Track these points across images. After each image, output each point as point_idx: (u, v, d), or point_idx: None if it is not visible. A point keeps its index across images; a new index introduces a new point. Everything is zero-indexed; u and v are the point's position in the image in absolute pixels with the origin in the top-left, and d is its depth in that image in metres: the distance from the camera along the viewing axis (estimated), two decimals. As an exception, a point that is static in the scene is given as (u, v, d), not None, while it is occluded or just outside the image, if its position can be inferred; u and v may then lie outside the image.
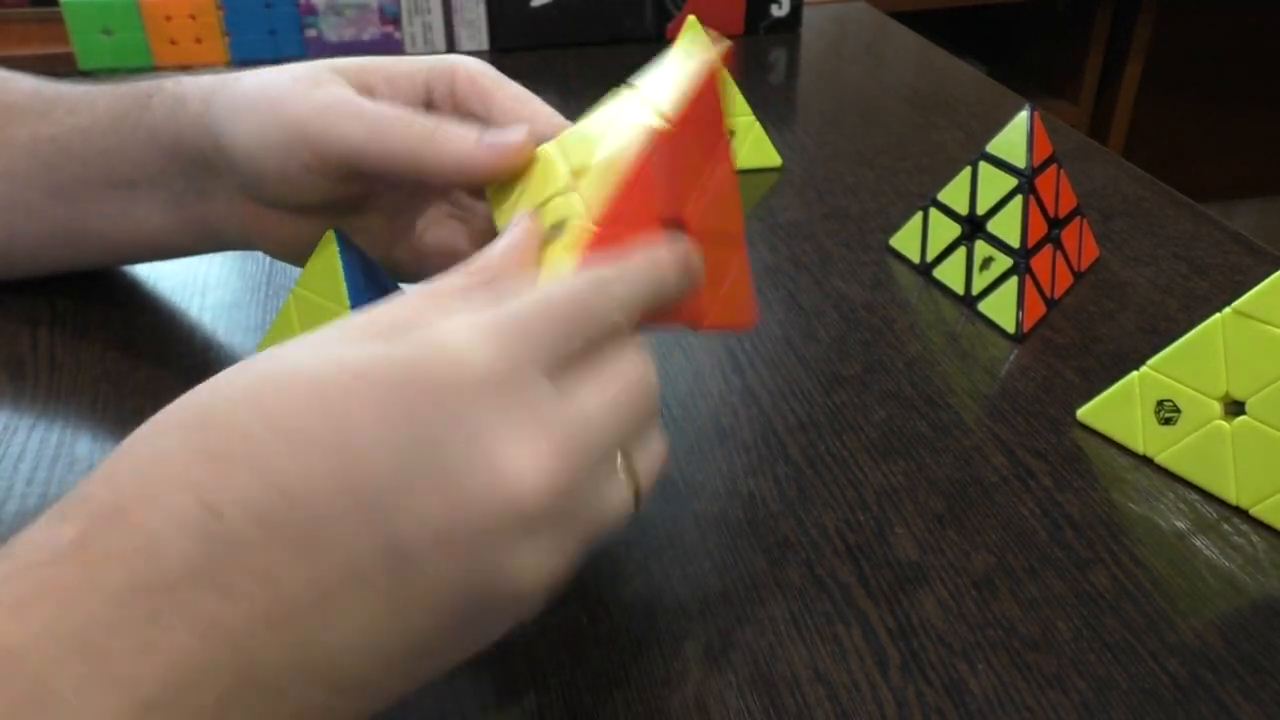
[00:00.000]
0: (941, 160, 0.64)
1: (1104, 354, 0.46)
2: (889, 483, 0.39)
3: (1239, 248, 0.54)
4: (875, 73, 0.79)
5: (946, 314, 0.49)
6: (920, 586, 0.34)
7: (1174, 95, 1.72)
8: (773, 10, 0.85)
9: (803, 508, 0.37)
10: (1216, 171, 1.83)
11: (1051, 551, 0.36)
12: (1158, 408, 0.39)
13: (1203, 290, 0.50)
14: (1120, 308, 0.49)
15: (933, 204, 0.51)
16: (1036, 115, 0.47)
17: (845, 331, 0.47)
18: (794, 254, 0.54)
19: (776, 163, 0.63)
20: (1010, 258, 0.47)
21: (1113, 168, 0.63)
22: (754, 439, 0.41)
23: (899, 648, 0.32)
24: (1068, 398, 0.43)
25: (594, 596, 0.34)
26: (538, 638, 0.32)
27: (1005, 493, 0.38)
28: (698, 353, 0.46)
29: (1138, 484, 0.39)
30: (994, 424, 0.42)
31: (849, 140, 0.67)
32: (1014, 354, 0.46)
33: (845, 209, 0.58)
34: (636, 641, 0.32)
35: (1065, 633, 0.33)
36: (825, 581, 0.35)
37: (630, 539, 0.36)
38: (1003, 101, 0.73)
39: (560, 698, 0.31)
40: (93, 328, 0.46)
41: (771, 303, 0.50)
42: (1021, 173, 0.47)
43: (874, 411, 0.42)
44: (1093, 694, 0.31)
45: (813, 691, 0.31)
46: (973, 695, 0.31)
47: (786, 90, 0.77)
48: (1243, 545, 0.36)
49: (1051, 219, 0.48)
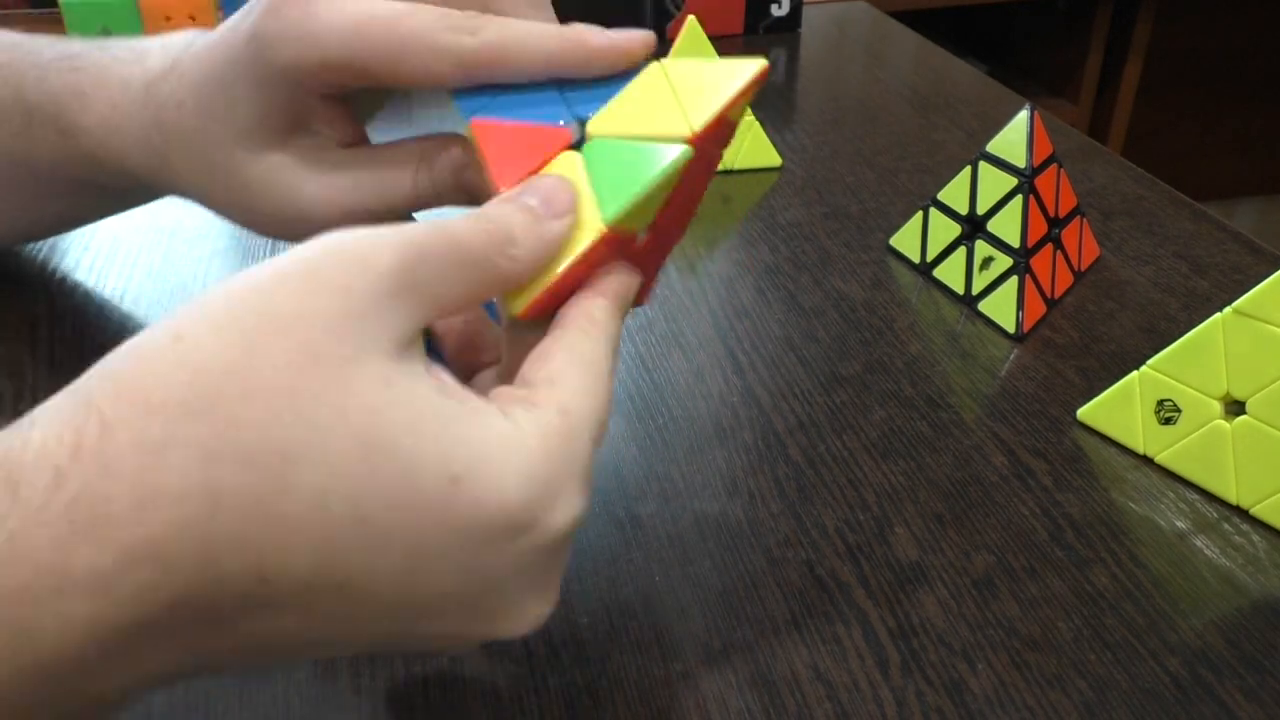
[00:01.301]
0: (941, 160, 0.64)
1: (1104, 354, 0.46)
2: (889, 483, 0.39)
3: (1239, 247, 0.54)
4: (875, 73, 0.79)
5: (946, 314, 0.49)
6: (920, 586, 0.34)
7: (1174, 95, 1.72)
8: (773, 10, 0.85)
9: (803, 508, 0.37)
10: (1216, 171, 1.83)
11: (1051, 551, 0.36)
12: (1158, 407, 0.39)
13: (1203, 290, 0.50)
14: (1120, 307, 0.49)
15: (933, 204, 0.51)
16: (1036, 115, 0.47)
17: (845, 331, 0.47)
18: (794, 254, 0.54)
19: (776, 163, 0.63)
20: (1010, 257, 0.47)
21: (1113, 167, 0.63)
22: (754, 439, 0.41)
23: (899, 648, 0.32)
24: (1068, 397, 0.43)
25: (594, 597, 0.34)
26: (538, 637, 0.32)
27: (1005, 493, 0.38)
28: (698, 353, 0.46)
29: (1138, 484, 0.39)
30: (994, 424, 0.42)
31: (849, 140, 0.67)
32: (1014, 354, 0.46)
33: (845, 209, 0.58)
34: (636, 641, 0.32)
35: (1065, 633, 0.33)
36: (825, 581, 0.35)
37: (630, 539, 0.36)
38: (1003, 101, 0.73)
39: (560, 698, 0.31)
40: (93, 328, 0.46)
41: (771, 303, 0.49)
42: (1021, 172, 0.47)
43: (874, 411, 0.42)
44: (1093, 694, 0.31)
45: (813, 691, 0.31)
46: (973, 695, 0.31)
47: (786, 90, 0.77)
48: (1243, 545, 0.36)
49: (1051, 219, 0.48)
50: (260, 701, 0.30)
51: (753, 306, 0.49)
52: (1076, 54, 1.58)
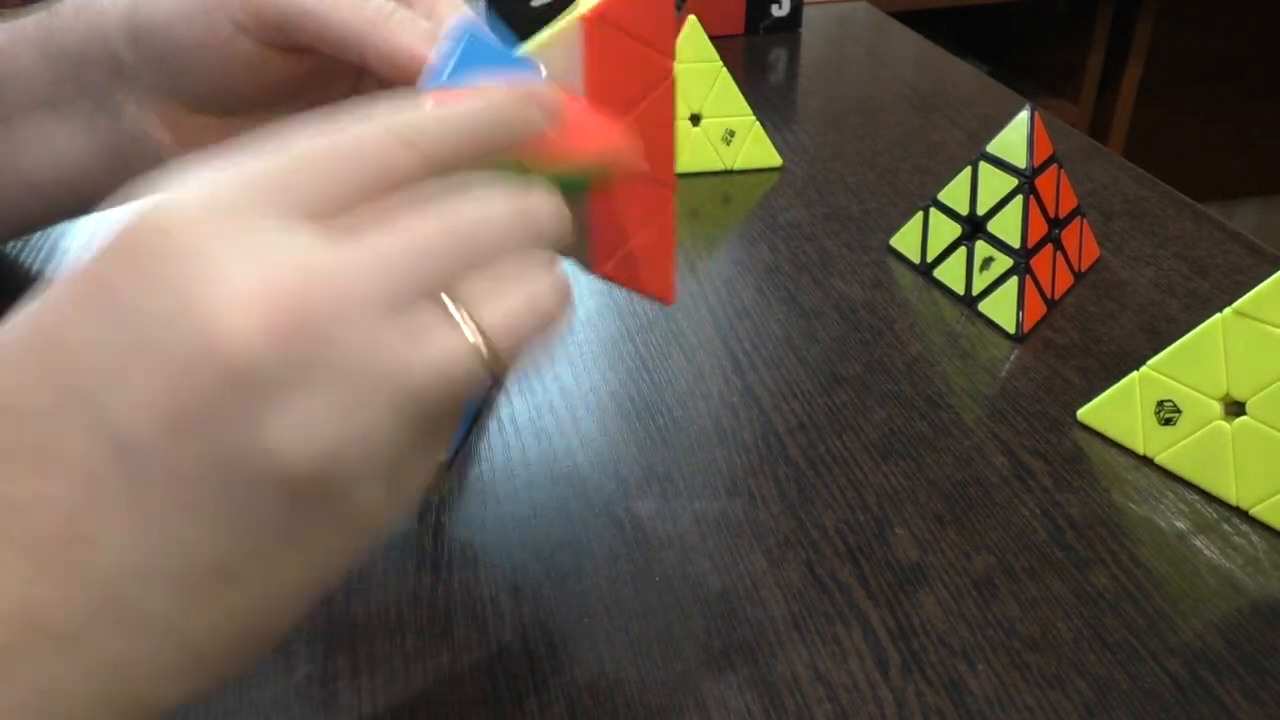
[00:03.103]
0: (942, 160, 0.64)
1: (1104, 354, 0.46)
2: (889, 483, 0.39)
3: (1239, 248, 0.54)
4: (875, 73, 0.79)
5: (947, 314, 0.49)
6: (920, 587, 0.34)
7: (1174, 95, 1.72)
8: (773, 10, 0.85)
9: (803, 508, 0.37)
10: (1217, 171, 1.83)
11: (1051, 552, 0.36)
12: (1158, 408, 0.39)
13: (1203, 290, 0.50)
14: (1121, 308, 0.49)
15: (933, 204, 0.51)
16: (1037, 115, 0.47)
17: (845, 331, 0.47)
18: (794, 254, 0.54)
19: (776, 163, 0.63)
20: (1010, 258, 0.47)
21: (1113, 168, 0.63)
22: (754, 439, 0.41)
23: (899, 648, 0.32)
24: (1068, 398, 0.43)
25: (594, 596, 0.34)
26: (538, 637, 0.32)
27: (1005, 493, 0.38)
28: (698, 353, 0.46)
29: (1138, 484, 0.39)
30: (994, 424, 0.42)
31: (849, 140, 0.67)
32: (1014, 354, 0.46)
33: (845, 209, 0.58)
34: (636, 641, 0.32)
35: (1065, 633, 0.33)
36: (825, 581, 0.35)
37: (630, 539, 0.36)
38: (1003, 101, 0.73)
39: (560, 698, 0.31)
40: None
41: (771, 302, 0.50)
42: (1022, 173, 0.47)
43: (874, 411, 0.42)
44: (1093, 694, 0.31)
45: (813, 691, 0.31)
46: (973, 695, 0.31)
47: (786, 90, 0.77)
48: (1243, 545, 0.36)
49: (1052, 219, 0.48)
50: (260, 701, 0.30)
51: (753, 306, 0.49)
52: (1077, 54, 1.58)
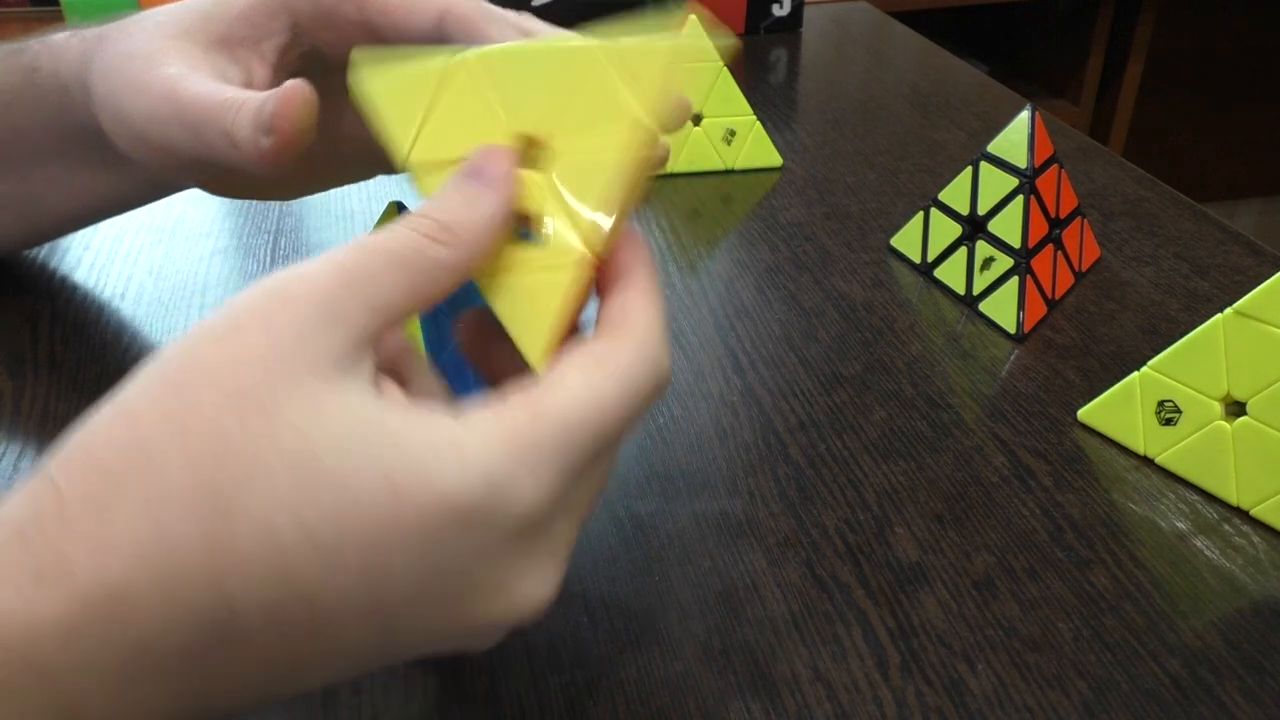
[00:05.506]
0: (942, 160, 0.64)
1: (1105, 354, 0.46)
2: (889, 483, 0.39)
3: (1240, 248, 0.54)
4: (876, 73, 0.79)
5: (947, 314, 0.49)
6: (920, 587, 0.34)
7: (1174, 95, 1.72)
8: (774, 10, 0.85)
9: (803, 508, 0.37)
10: (1217, 171, 1.83)
11: (1051, 552, 0.36)
12: (1158, 408, 0.39)
13: (1204, 291, 0.50)
14: (1121, 308, 0.49)
15: (933, 204, 0.51)
16: (1037, 115, 0.47)
17: (845, 331, 0.47)
18: (794, 254, 0.54)
19: (777, 163, 0.63)
20: (1011, 258, 0.47)
21: (1114, 168, 0.63)
22: (754, 439, 0.41)
23: (899, 648, 0.32)
24: (1068, 398, 0.43)
25: (594, 596, 0.34)
26: (538, 638, 0.32)
27: (1005, 493, 0.38)
28: (698, 353, 0.46)
29: (1138, 484, 0.39)
30: (994, 424, 0.42)
31: (850, 140, 0.67)
32: (1014, 354, 0.46)
33: (846, 209, 0.58)
34: (636, 641, 0.32)
35: (1065, 633, 0.33)
36: (825, 581, 0.35)
37: (630, 539, 0.36)
38: (1003, 101, 0.73)
39: (560, 698, 0.31)
40: (93, 328, 0.46)
41: (772, 302, 0.49)
42: (1022, 173, 0.47)
43: (874, 411, 0.42)
44: (1093, 694, 0.31)
45: (813, 691, 0.31)
46: (973, 695, 0.31)
47: (787, 90, 0.77)
48: (1243, 546, 0.36)
49: (1052, 219, 0.48)
50: (260, 701, 0.30)
51: (753, 306, 0.49)
52: (1077, 55, 1.58)
